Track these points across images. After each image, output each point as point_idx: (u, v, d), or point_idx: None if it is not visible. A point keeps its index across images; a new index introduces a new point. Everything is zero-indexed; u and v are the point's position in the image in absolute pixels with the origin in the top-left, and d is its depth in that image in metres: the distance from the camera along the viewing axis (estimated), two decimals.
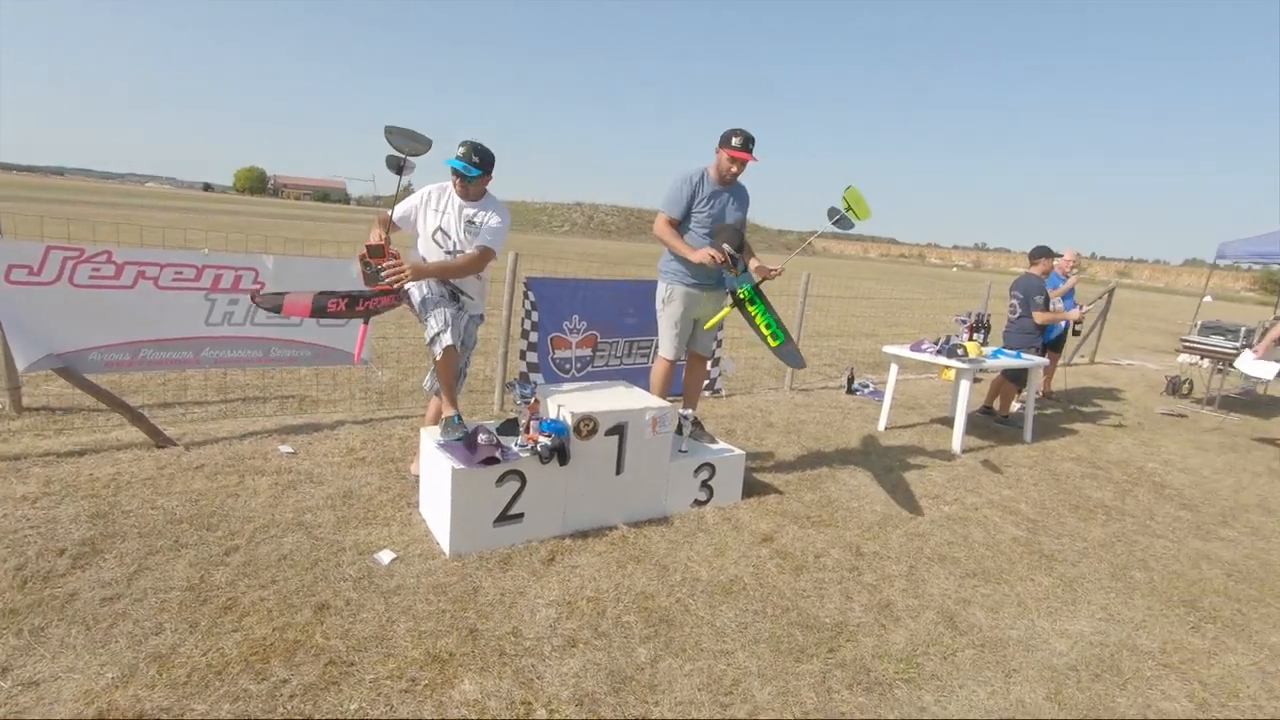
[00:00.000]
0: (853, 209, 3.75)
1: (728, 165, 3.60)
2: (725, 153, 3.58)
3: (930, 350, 5.34)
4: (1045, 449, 5.45)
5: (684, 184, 3.64)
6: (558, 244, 33.37)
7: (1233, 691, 2.51)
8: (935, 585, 3.08)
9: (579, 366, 5.19)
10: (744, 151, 3.54)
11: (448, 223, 3.33)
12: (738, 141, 3.54)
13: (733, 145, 3.54)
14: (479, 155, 3.24)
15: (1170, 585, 3.30)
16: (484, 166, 3.26)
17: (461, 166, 3.21)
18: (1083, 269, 40.63)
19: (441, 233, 3.34)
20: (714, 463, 3.63)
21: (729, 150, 3.56)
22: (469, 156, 3.22)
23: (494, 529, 3.00)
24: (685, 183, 3.64)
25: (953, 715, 2.25)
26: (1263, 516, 4.38)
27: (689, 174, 3.66)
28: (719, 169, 3.63)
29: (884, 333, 10.94)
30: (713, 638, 2.53)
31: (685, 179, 3.64)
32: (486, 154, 3.27)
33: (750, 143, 3.55)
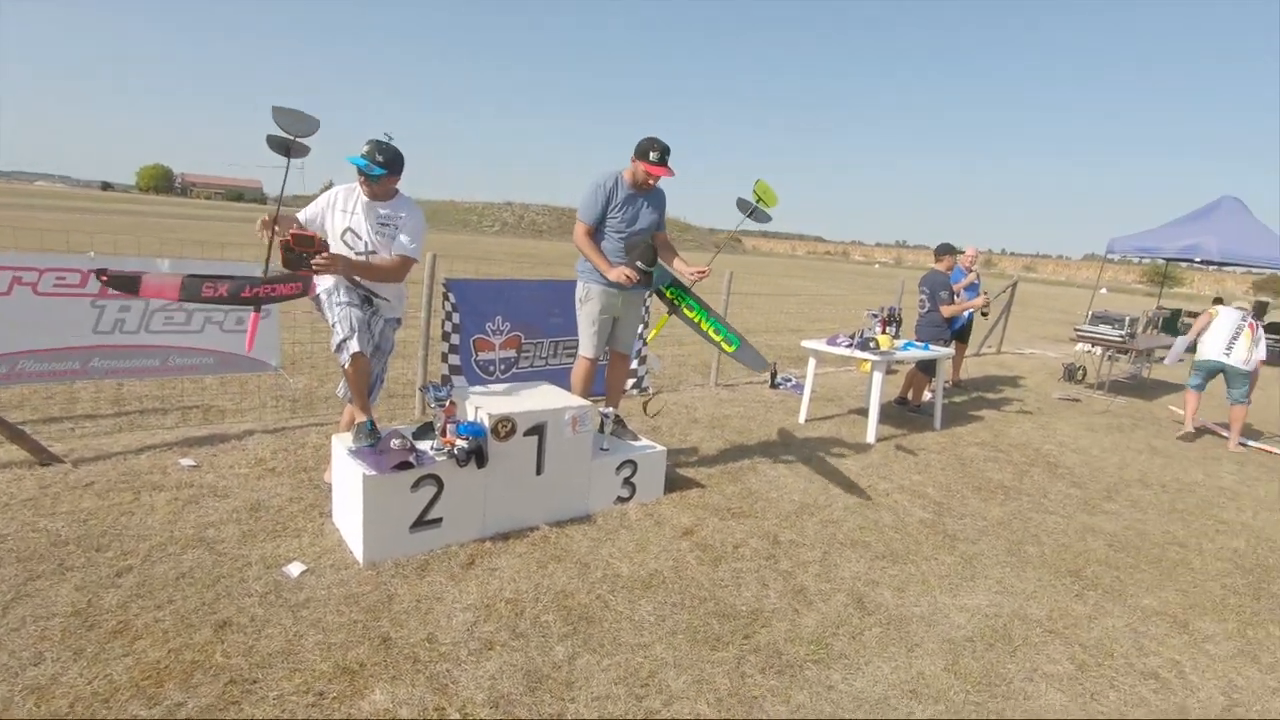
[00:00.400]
0: (762, 199, 3.85)
1: (644, 177, 3.63)
2: (641, 165, 3.59)
3: (845, 344, 5.55)
4: (953, 435, 5.76)
5: (598, 190, 3.65)
6: (487, 244, 32.84)
7: (1108, 651, 2.73)
8: (847, 569, 3.22)
9: (503, 368, 5.14)
10: (660, 167, 3.58)
11: (358, 223, 3.25)
12: (655, 156, 3.56)
13: (650, 160, 3.56)
14: (383, 154, 3.16)
15: (1059, 557, 3.55)
16: (389, 166, 3.18)
17: (364, 165, 3.12)
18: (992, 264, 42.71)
19: (351, 233, 3.24)
20: (636, 460, 3.67)
21: (645, 164, 3.58)
22: (372, 155, 3.14)
23: (410, 535, 2.95)
24: (599, 189, 3.65)
25: (858, 691, 2.36)
26: (1142, 490, 4.76)
27: (603, 180, 3.67)
28: (634, 176, 3.66)
29: (808, 328, 11.29)
30: (631, 632, 2.56)
31: (599, 185, 3.66)
32: (391, 152, 3.19)
33: (667, 155, 3.59)
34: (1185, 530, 4.09)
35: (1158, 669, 2.65)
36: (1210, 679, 2.61)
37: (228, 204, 76.86)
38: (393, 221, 3.28)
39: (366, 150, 3.15)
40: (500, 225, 54.18)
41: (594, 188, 3.66)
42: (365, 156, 3.13)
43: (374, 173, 3.13)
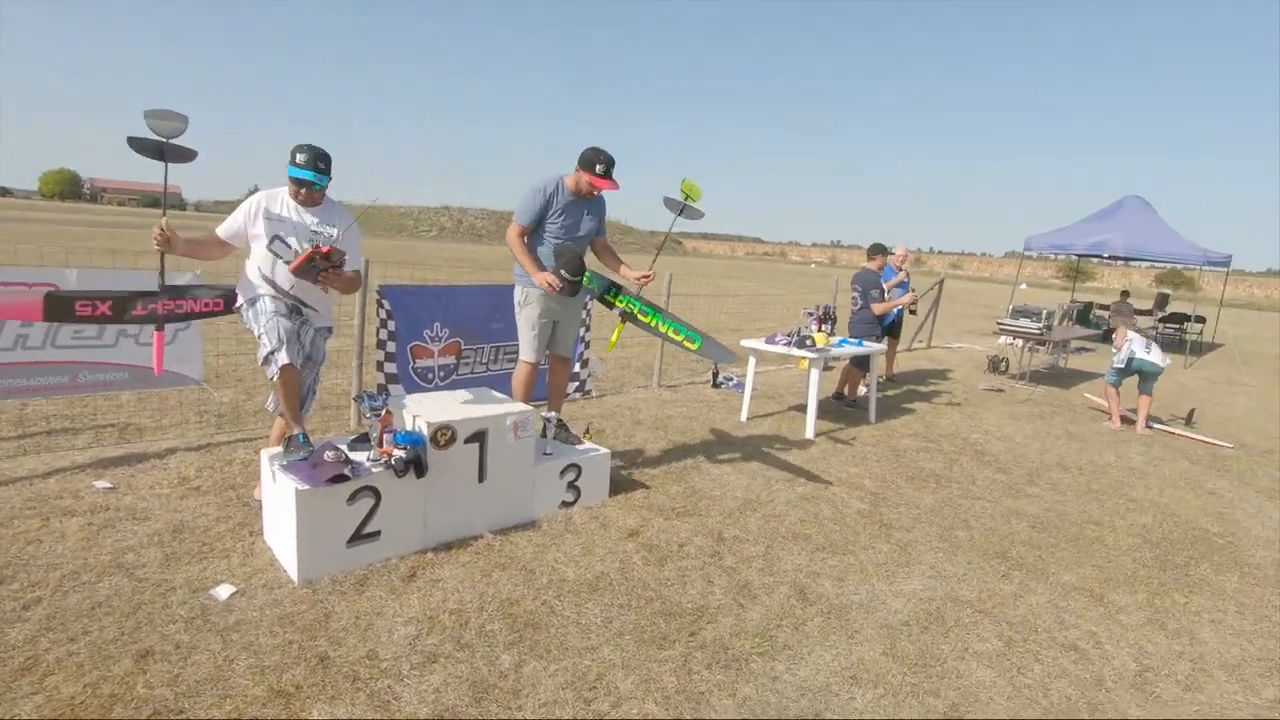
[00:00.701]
0: (689, 196, 3.90)
1: (588, 188, 3.64)
2: (586, 176, 3.59)
3: (783, 343, 5.68)
4: (887, 428, 5.96)
5: (538, 194, 3.62)
6: (424, 249, 32.13)
7: (1033, 627, 2.88)
8: (789, 562, 3.29)
9: (443, 375, 5.04)
10: (606, 179, 3.58)
11: (289, 231, 3.12)
12: (600, 169, 3.57)
13: (595, 172, 3.57)
14: (324, 161, 3.07)
15: (987, 540, 3.73)
16: (329, 172, 3.11)
17: (312, 177, 3.03)
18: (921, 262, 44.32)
19: (280, 242, 3.11)
20: (580, 463, 3.66)
21: (591, 176, 3.58)
22: (314, 164, 3.04)
23: (348, 550, 2.86)
24: (539, 193, 3.62)
25: (802, 680, 2.42)
26: (1060, 473, 5.04)
27: (544, 184, 3.64)
28: (578, 185, 3.64)
29: (749, 328, 11.48)
30: (578, 635, 2.56)
31: (539, 189, 3.63)
32: (328, 158, 3.10)
33: (612, 167, 3.60)
34: (1100, 509, 4.35)
35: (1077, 641, 2.81)
36: (1124, 648, 2.79)
37: (144, 210, 72.76)
38: (324, 230, 3.18)
39: (305, 159, 3.03)
40: (438, 230, 53.09)
41: (533, 191, 3.63)
42: (306, 166, 3.02)
43: (323, 182, 3.05)
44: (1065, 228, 13.60)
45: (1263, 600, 3.29)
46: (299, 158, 3.05)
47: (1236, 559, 3.75)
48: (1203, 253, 12.05)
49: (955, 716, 2.30)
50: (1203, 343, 13.94)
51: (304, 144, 3.09)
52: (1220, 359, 13.02)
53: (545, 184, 3.64)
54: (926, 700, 2.36)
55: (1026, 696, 2.43)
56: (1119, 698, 2.46)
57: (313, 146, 3.08)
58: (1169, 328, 14.35)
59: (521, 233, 3.68)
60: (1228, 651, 2.83)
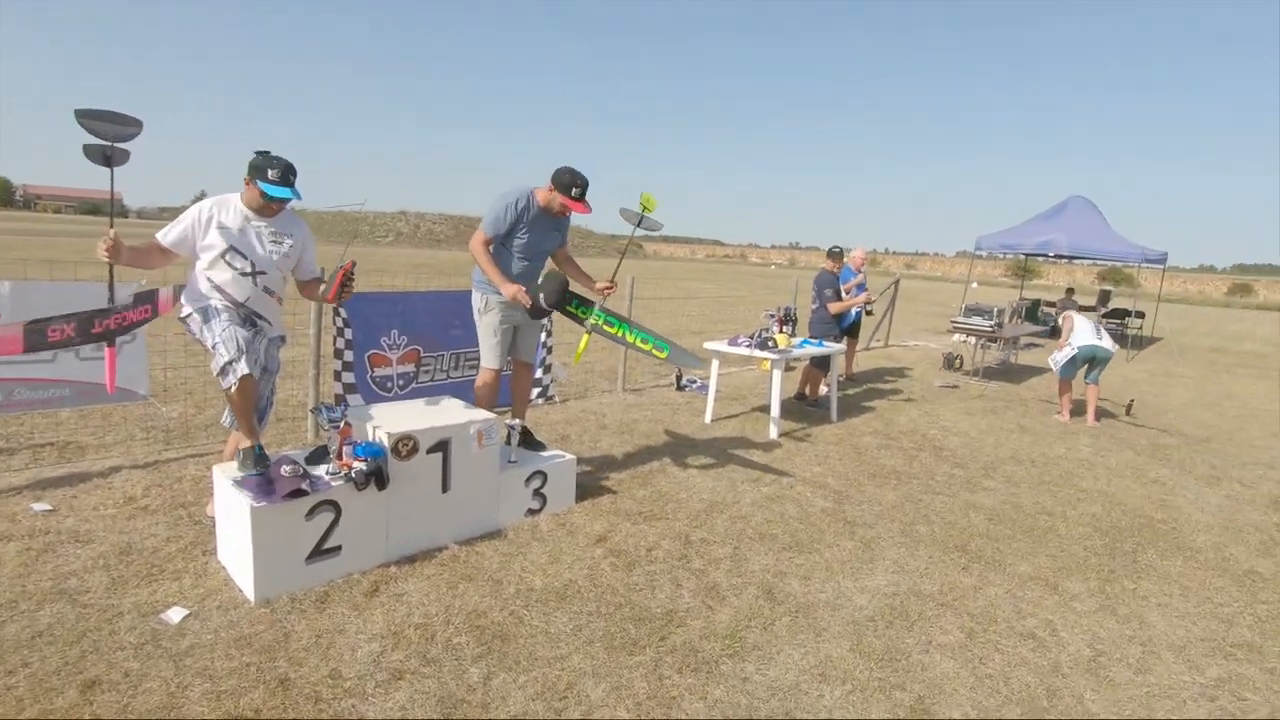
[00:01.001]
0: (647, 208, 3.97)
1: (560, 208, 3.61)
2: (559, 198, 3.56)
3: (746, 345, 5.73)
4: (848, 426, 6.07)
5: (510, 207, 3.58)
6: (382, 255, 31.52)
7: (992, 618, 2.96)
8: (756, 562, 3.32)
9: (402, 384, 4.95)
10: (580, 203, 3.56)
11: (244, 243, 2.99)
12: (576, 192, 3.54)
13: (571, 195, 3.54)
14: (293, 174, 2.97)
15: (946, 534, 3.82)
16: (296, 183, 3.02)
17: (291, 195, 2.94)
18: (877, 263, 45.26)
19: (235, 253, 2.97)
20: (546, 470, 3.63)
21: (566, 198, 3.55)
22: (288, 179, 2.94)
23: (307, 566, 2.78)
24: (511, 206, 3.58)
25: (771, 680, 2.44)
26: (1014, 466, 5.20)
27: (515, 197, 3.59)
28: (549, 204, 3.62)
29: (711, 329, 11.56)
30: (547, 645, 2.53)
31: (511, 202, 3.57)
32: (295, 169, 2.99)
33: (586, 189, 3.59)
34: (1052, 500, 4.50)
35: (1034, 629, 2.89)
36: (1078, 634, 2.89)
37: (81, 218, 69.75)
38: (282, 239, 3.09)
39: (279, 175, 2.92)
40: (395, 235, 52.14)
41: (505, 203, 3.57)
42: (283, 184, 2.92)
43: (299, 196, 2.96)
44: (1013, 228, 14.06)
45: (1205, 583, 3.44)
46: (272, 174, 2.91)
47: (1179, 544, 3.91)
48: (1141, 251, 12.59)
49: (921, 710, 2.34)
50: (1143, 337, 14.56)
51: (270, 155, 2.94)
52: (1159, 352, 13.61)
53: (517, 197, 3.59)
54: (893, 694, 2.40)
55: (989, 686, 2.49)
56: (1075, 683, 2.54)
57: (280, 158, 2.95)
58: (1111, 323, 14.94)
59: (487, 242, 3.63)
60: (1174, 633, 2.95)
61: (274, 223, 3.08)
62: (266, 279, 3.08)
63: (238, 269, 2.99)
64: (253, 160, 2.97)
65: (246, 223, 3.01)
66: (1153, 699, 2.49)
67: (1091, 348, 6.69)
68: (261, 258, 3.04)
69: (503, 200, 3.57)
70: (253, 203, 3.00)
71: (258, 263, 3.03)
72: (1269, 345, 16.64)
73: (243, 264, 3.00)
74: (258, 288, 3.07)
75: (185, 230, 2.96)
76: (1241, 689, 2.58)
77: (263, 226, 3.05)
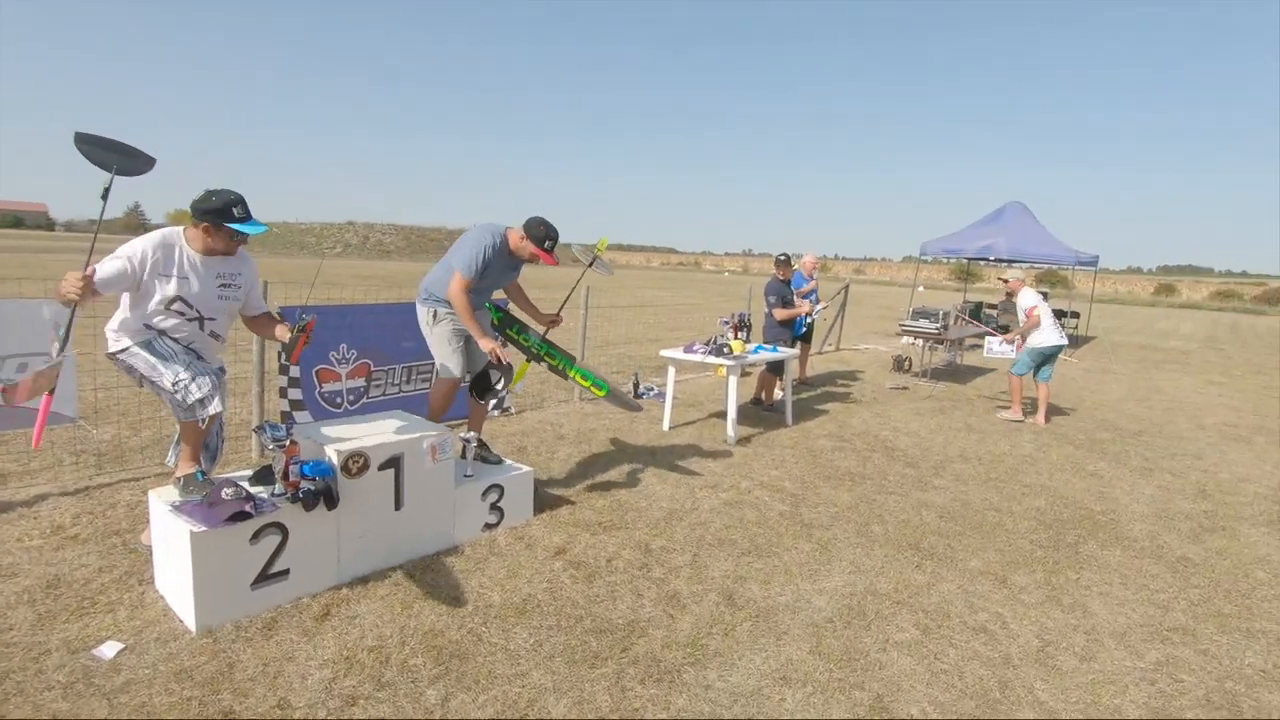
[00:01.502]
0: (599, 249, 4.22)
1: (529, 256, 3.71)
2: (531, 247, 3.65)
3: (701, 351, 5.77)
4: (804, 429, 6.16)
5: (486, 249, 3.60)
6: (330, 268, 30.72)
7: (945, 614, 3.03)
8: (716, 568, 3.33)
9: (352, 399, 4.82)
10: (550, 255, 3.66)
11: (191, 290, 2.80)
12: (549, 245, 3.65)
13: (544, 248, 3.64)
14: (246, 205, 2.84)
15: (900, 533, 3.90)
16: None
17: (265, 227, 2.82)
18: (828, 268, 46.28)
19: (182, 303, 2.80)
20: (502, 483, 3.57)
21: (538, 250, 3.65)
22: (248, 211, 2.79)
23: (252, 592, 2.66)
24: (488, 248, 3.61)
25: (734, 686, 2.44)
26: (963, 465, 5.36)
27: (490, 240, 3.61)
28: (519, 249, 3.69)
29: (668, 337, 11.62)
30: (507, 662, 2.48)
31: (488, 245, 3.61)
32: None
33: (556, 244, 3.70)
34: (999, 496, 4.64)
35: (985, 623, 2.98)
36: (1027, 625, 2.98)
37: (3, 231, 66.05)
38: (234, 281, 2.94)
39: (244, 211, 2.78)
40: (343, 247, 50.90)
41: (481, 245, 3.59)
42: (250, 218, 2.79)
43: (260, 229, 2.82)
44: (956, 233, 14.55)
45: (1142, 570, 3.60)
46: (237, 211, 2.76)
47: (1117, 534, 4.08)
48: (1074, 254, 13.18)
49: (880, 708, 2.37)
50: (1079, 336, 15.22)
51: (224, 191, 2.79)
52: (1094, 350, 14.25)
53: (492, 240, 3.63)
54: (853, 694, 2.43)
55: (944, 681, 2.54)
56: (1025, 674, 2.62)
57: (232, 192, 2.79)
58: None
59: (467, 287, 3.61)
60: (1115, 621, 3.07)
61: (225, 264, 2.92)
62: (214, 324, 2.96)
63: (184, 316, 2.84)
64: (206, 204, 2.76)
65: (194, 271, 2.81)
66: (1097, 685, 2.58)
67: (1056, 346, 6.76)
68: (210, 305, 2.88)
69: (479, 243, 3.59)
70: (212, 247, 2.82)
71: (206, 310, 2.88)
72: (1192, 342, 17.59)
73: (190, 312, 2.84)
74: (204, 332, 2.94)
75: (122, 272, 2.68)
76: (1178, 671, 2.70)
77: (213, 271, 2.87)
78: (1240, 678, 2.68)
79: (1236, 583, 3.51)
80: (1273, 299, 40.18)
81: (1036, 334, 6.85)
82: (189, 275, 2.80)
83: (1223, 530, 4.23)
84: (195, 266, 2.82)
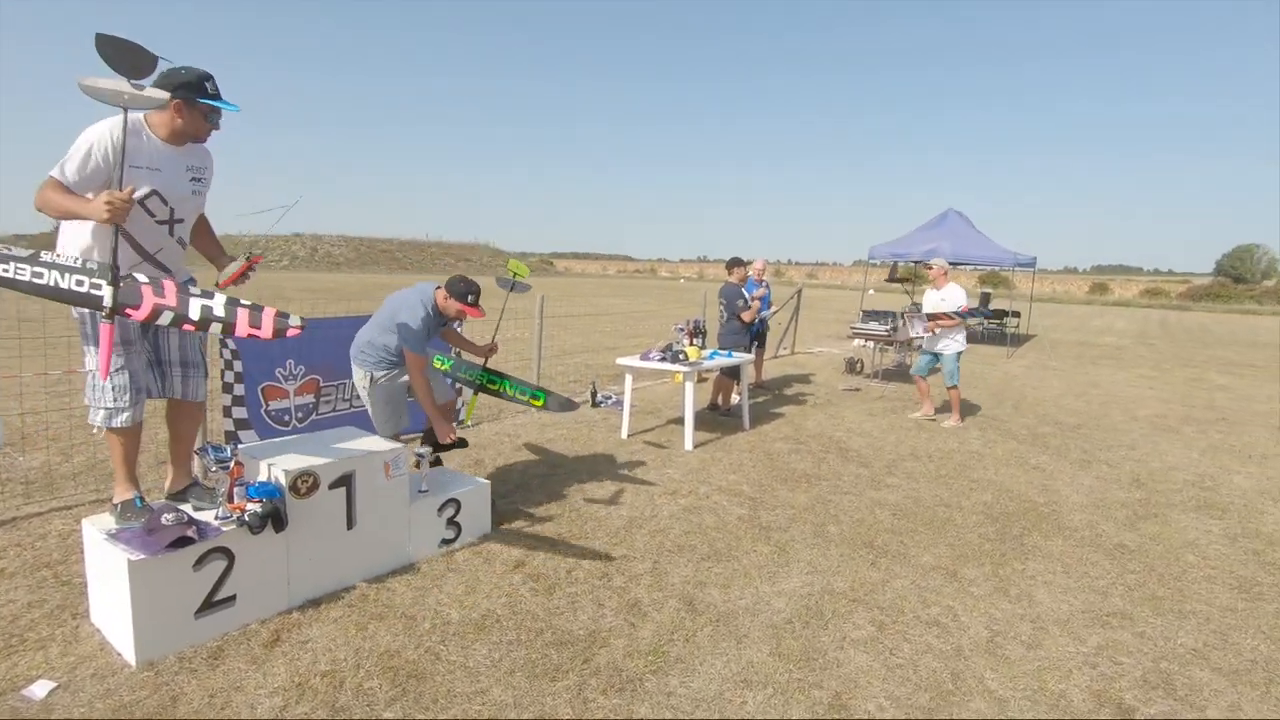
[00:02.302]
0: (517, 274, 4.27)
1: (456, 314, 3.79)
2: (457, 305, 3.73)
3: (657, 358, 5.80)
4: (760, 433, 6.24)
5: (427, 320, 3.68)
6: (275, 281, 29.85)
7: (900, 609, 3.11)
8: (676, 574, 3.34)
9: (301, 416, 4.69)
10: (475, 309, 3.74)
11: (166, 183, 2.51)
12: (472, 299, 3.73)
13: (468, 302, 3.72)
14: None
15: (855, 532, 3.98)
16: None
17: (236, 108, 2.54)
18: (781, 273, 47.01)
19: (159, 199, 2.50)
20: (459, 498, 3.52)
21: (464, 305, 3.73)
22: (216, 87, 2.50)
23: (197, 621, 2.56)
24: (428, 316, 3.69)
25: (695, 691, 2.45)
26: (914, 463, 5.50)
27: (426, 308, 3.70)
28: (445, 309, 3.77)
29: (625, 345, 11.63)
30: (466, 680, 2.44)
31: (427, 315, 3.68)
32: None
33: (479, 296, 3.77)
34: (948, 492, 4.79)
35: (938, 616, 3.06)
36: (976, 617, 3.07)
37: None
38: (203, 175, 2.70)
39: (213, 86, 2.48)
40: (289, 259, 49.53)
41: (422, 319, 3.65)
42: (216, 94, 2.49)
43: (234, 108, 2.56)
44: (902, 237, 14.98)
45: (1083, 559, 3.75)
46: (210, 86, 2.48)
47: (1059, 524, 4.25)
48: (1013, 255, 13.71)
49: (838, 706, 2.42)
50: (1020, 334, 15.82)
51: (189, 67, 2.48)
52: (1034, 348, 14.82)
53: (426, 308, 3.71)
54: (812, 693, 2.47)
55: (899, 675, 2.60)
56: (976, 664, 2.70)
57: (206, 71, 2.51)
58: (992, 323, 16.16)
59: (424, 365, 3.72)
60: (1059, 608, 3.19)
61: (194, 155, 2.63)
62: (182, 228, 2.67)
63: (155, 218, 2.54)
64: (176, 78, 2.44)
65: (165, 161, 2.51)
66: (1043, 672, 2.68)
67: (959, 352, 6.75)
68: (183, 203, 2.61)
69: (417, 315, 3.66)
70: (183, 130, 2.50)
71: (177, 208, 2.59)
72: (1125, 338, 18.45)
73: (163, 211, 2.54)
74: (173, 238, 2.64)
75: (96, 163, 2.37)
76: (1118, 654, 2.82)
77: (183, 163, 2.57)
78: (1174, 657, 2.82)
79: (1169, 566, 3.69)
80: (1197, 296, 42.57)
81: (951, 337, 6.76)
82: (160, 167, 2.50)
83: (1155, 517, 4.45)
84: (165, 156, 2.52)
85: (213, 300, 2.50)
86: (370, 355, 3.77)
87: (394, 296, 3.85)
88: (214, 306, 2.49)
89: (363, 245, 52.81)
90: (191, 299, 2.47)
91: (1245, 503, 4.79)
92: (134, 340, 2.66)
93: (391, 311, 3.75)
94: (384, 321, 3.75)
